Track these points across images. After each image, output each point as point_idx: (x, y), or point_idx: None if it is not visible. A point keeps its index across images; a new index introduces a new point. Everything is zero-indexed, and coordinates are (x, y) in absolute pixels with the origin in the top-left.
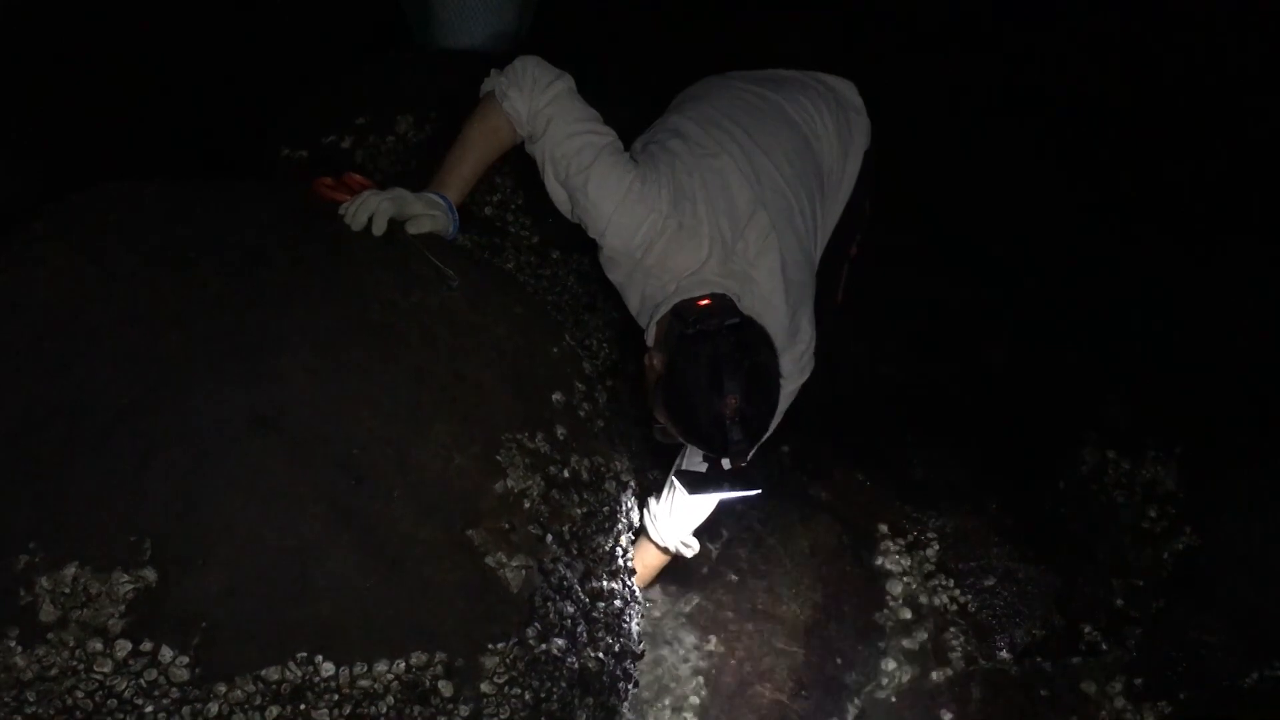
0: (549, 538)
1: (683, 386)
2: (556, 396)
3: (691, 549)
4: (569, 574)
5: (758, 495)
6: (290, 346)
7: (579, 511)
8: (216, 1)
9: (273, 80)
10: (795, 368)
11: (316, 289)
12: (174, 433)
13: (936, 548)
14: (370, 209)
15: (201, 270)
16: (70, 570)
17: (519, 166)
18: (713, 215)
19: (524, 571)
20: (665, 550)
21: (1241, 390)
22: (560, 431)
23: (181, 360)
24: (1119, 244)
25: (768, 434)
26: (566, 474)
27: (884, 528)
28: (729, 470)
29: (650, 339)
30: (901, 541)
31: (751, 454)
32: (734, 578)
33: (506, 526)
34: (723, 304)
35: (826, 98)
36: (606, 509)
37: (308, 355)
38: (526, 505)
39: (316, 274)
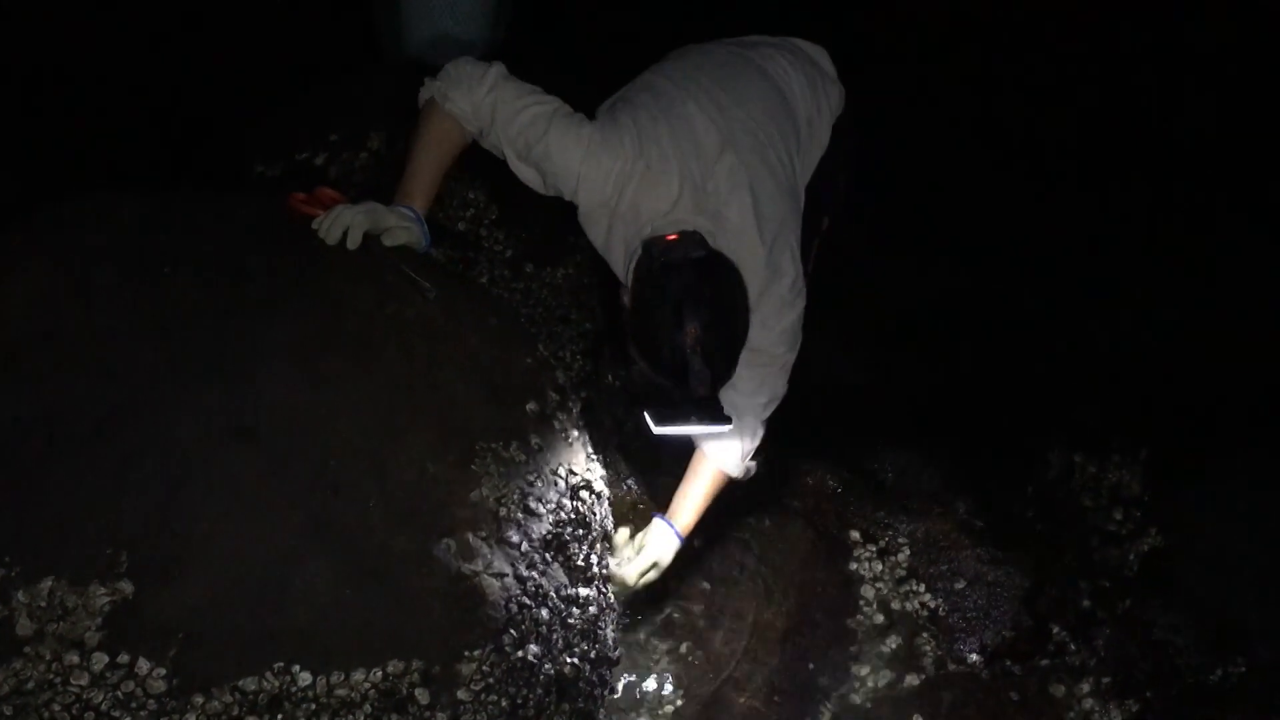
0: (524, 545)
1: (648, 318)
2: (531, 406)
3: (752, 471)
4: (544, 581)
5: (725, 430)
6: (267, 358)
7: (554, 519)
8: (192, 18)
9: (247, 96)
10: (784, 301)
11: (293, 301)
12: (151, 444)
13: (908, 553)
14: (345, 223)
15: (178, 282)
16: (47, 584)
17: (491, 181)
18: (680, 157)
19: (500, 579)
20: (726, 473)
21: (1205, 394)
22: (535, 440)
23: (158, 372)
24: (1088, 247)
25: (735, 368)
26: (541, 482)
27: (856, 534)
28: (695, 403)
29: (627, 282)
30: (873, 547)
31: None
32: (707, 585)
33: (482, 534)
34: (690, 239)
35: (800, 59)
36: (581, 517)
37: (284, 367)
38: (502, 513)
39: (293, 286)
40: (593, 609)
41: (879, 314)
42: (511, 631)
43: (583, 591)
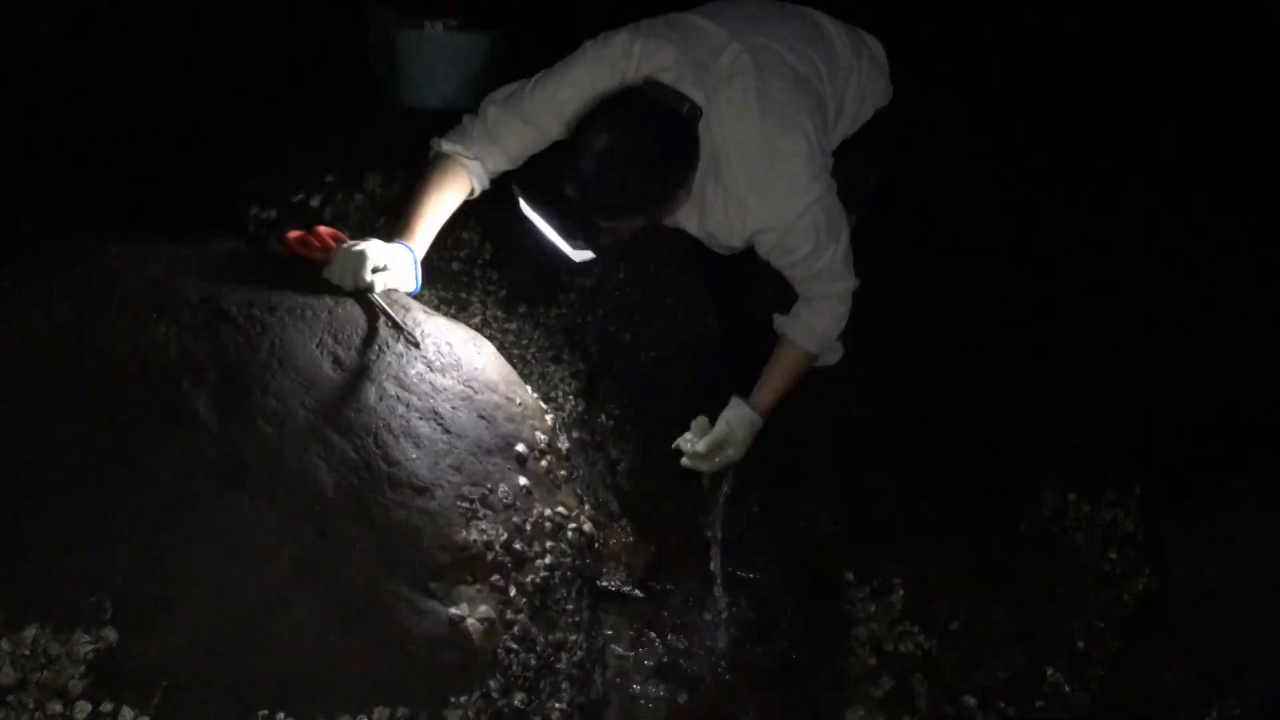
0: (512, 589)
1: (585, 119)
2: (519, 449)
3: (838, 351)
4: (532, 626)
5: (583, 259)
6: (253, 401)
7: (542, 562)
8: (186, 58)
9: (243, 138)
10: (794, 183)
11: (279, 344)
12: (136, 490)
13: (901, 593)
14: (350, 266)
15: (166, 324)
16: (30, 631)
17: (485, 222)
18: (683, 43)
19: (486, 624)
20: (809, 352)
21: (1200, 430)
22: (523, 483)
23: (144, 417)
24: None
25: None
26: (529, 525)
27: (849, 574)
28: (566, 210)
29: None
30: (867, 587)
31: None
32: (699, 626)
33: (469, 579)
34: (662, 92)
35: (853, 36)
36: (569, 560)
37: (270, 409)
38: (489, 557)
39: (279, 330)
40: (580, 654)
41: (872, 341)
42: (498, 677)
43: (571, 636)
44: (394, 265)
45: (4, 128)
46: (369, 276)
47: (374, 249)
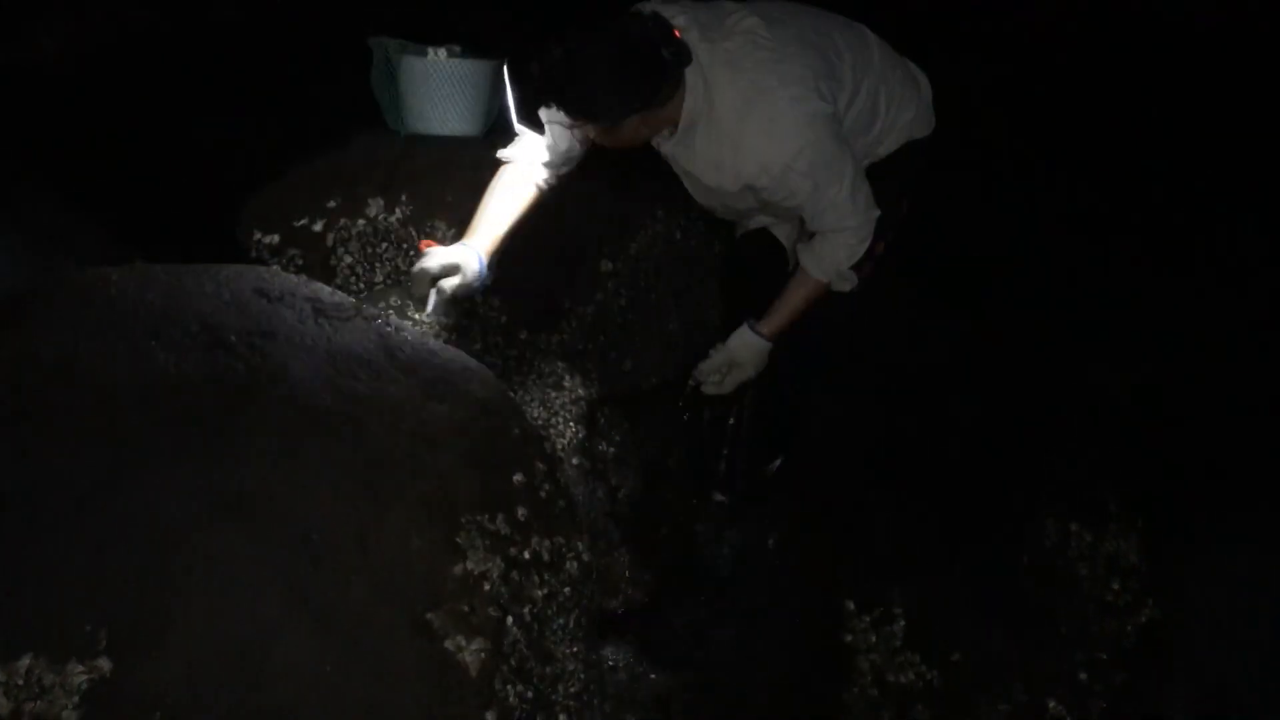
0: (509, 620)
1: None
2: (518, 477)
3: (850, 281)
4: (529, 656)
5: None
6: (251, 431)
7: (539, 593)
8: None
9: (245, 163)
10: (789, 123)
11: (279, 373)
12: (132, 520)
13: (903, 623)
14: (413, 292)
15: (165, 354)
16: (24, 661)
17: None
18: (695, 9)
19: (483, 654)
20: (820, 280)
21: (1203, 462)
22: (521, 512)
23: (140, 447)
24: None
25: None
26: (527, 555)
27: (851, 604)
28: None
29: None
30: (868, 617)
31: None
32: (700, 658)
33: (466, 609)
34: (659, 28)
35: (899, 58)
36: (567, 590)
37: (268, 439)
38: (486, 587)
39: (280, 358)
40: (578, 685)
41: (874, 368)
42: (495, 709)
43: (569, 667)
44: (462, 264)
45: (6, 151)
46: (431, 297)
47: (432, 257)
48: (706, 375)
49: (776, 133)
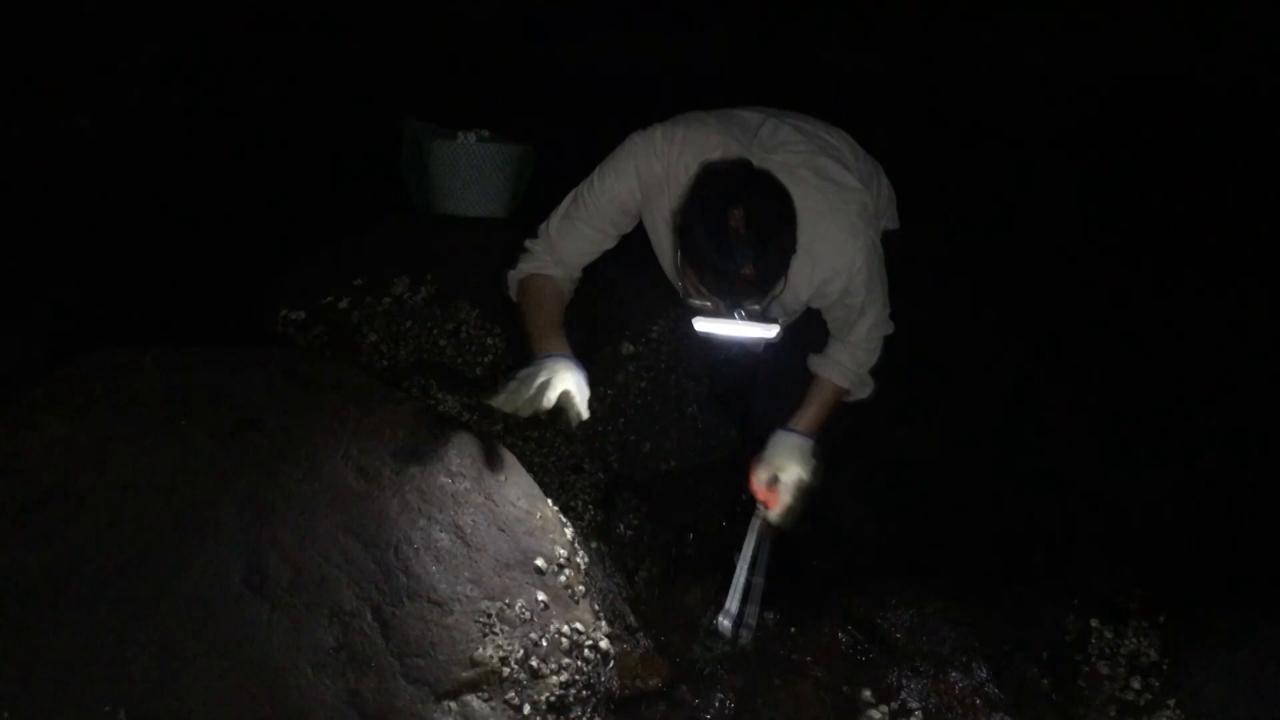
0: (526, 707)
1: (692, 215)
2: (538, 563)
3: (869, 387)
4: None
5: (775, 340)
6: (276, 513)
7: (557, 679)
8: (218, 167)
9: (274, 246)
10: (856, 227)
11: (304, 456)
12: (156, 600)
13: (920, 716)
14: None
15: (193, 436)
16: None
17: (510, 328)
18: (723, 126)
19: None
20: (840, 388)
21: (1227, 560)
22: (541, 598)
23: (167, 527)
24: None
25: (783, 284)
26: (545, 641)
27: (868, 694)
28: (741, 297)
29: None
30: (885, 709)
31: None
32: None
33: (485, 696)
34: (737, 160)
35: (869, 156)
36: (585, 676)
37: (294, 519)
38: (505, 673)
39: (305, 441)
40: None
41: (891, 459)
42: None
43: None
44: (579, 374)
45: (39, 226)
46: (553, 399)
47: (559, 377)
48: (790, 503)
49: (847, 240)
